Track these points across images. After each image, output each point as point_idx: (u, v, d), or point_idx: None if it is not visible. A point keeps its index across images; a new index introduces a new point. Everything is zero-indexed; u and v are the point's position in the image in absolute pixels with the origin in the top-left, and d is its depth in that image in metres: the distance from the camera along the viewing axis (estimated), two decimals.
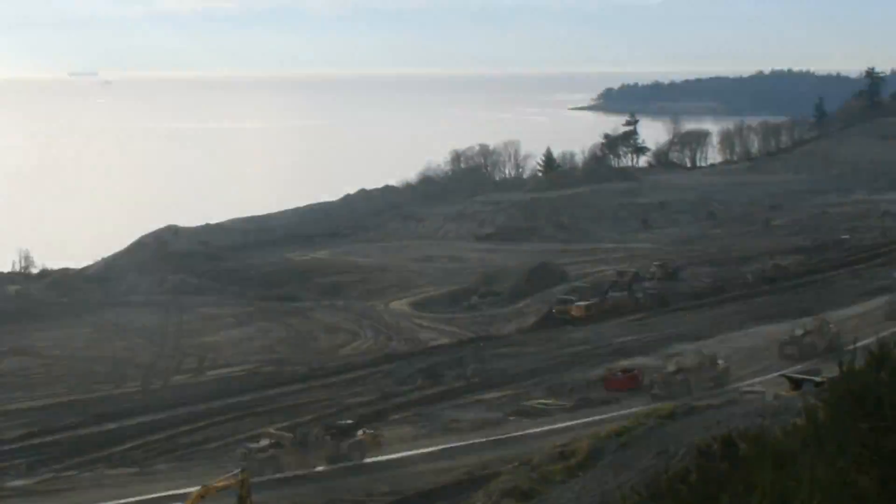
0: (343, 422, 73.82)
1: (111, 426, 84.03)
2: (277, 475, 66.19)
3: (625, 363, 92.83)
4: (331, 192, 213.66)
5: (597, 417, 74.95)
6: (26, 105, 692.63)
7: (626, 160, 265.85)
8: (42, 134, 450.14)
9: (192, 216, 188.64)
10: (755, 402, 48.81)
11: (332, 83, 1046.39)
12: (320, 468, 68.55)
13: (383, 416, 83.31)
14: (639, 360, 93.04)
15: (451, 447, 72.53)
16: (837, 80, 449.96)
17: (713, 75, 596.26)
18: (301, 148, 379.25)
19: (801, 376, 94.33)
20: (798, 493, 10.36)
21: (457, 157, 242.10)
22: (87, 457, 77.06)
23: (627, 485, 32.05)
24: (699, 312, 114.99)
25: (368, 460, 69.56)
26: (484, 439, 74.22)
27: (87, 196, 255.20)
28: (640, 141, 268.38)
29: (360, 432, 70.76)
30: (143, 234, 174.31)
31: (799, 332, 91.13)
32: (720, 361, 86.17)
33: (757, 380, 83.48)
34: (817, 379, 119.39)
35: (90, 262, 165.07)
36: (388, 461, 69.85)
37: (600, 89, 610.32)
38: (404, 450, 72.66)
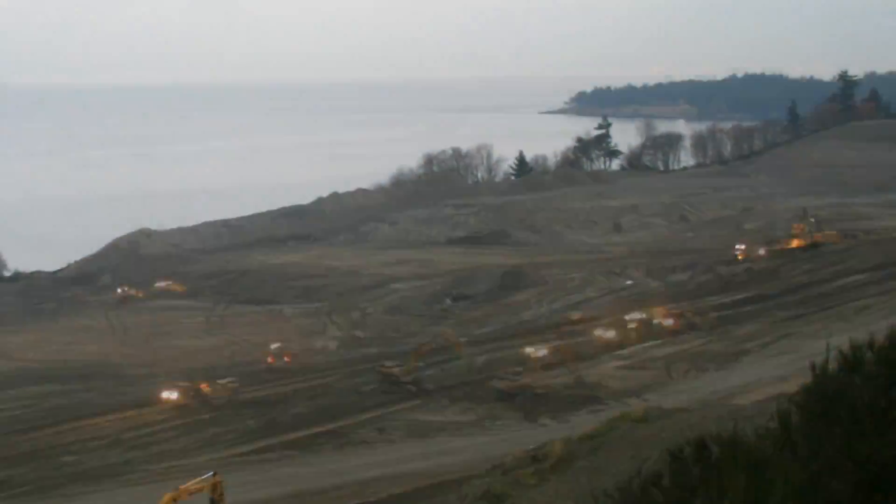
0: None
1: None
2: None
3: None
4: (303, 196, 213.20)
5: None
6: None
7: (599, 163, 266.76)
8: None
9: (164, 219, 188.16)
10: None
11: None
12: None
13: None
14: None
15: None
16: (811, 84, 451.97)
17: (686, 78, 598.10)
18: (273, 150, 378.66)
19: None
20: (771, 497, 10.34)
21: (429, 160, 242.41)
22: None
23: (600, 488, 31.92)
24: None
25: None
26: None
27: (61, 200, 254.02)
28: (612, 144, 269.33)
29: None
30: (116, 237, 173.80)
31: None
32: None
33: None
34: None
35: (63, 265, 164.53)
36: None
37: (573, 92, 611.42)
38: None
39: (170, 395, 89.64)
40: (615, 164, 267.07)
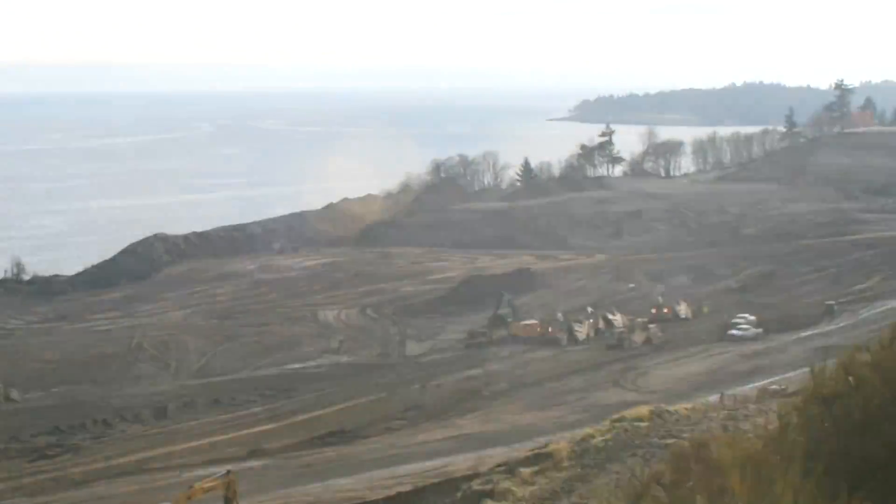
0: None
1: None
2: None
3: None
4: (313, 202, 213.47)
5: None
6: None
7: (602, 170, 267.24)
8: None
9: (177, 225, 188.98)
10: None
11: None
12: None
13: None
14: None
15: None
16: (808, 92, 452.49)
17: (687, 87, 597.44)
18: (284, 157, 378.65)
19: None
20: (770, 496, 10.82)
21: (436, 166, 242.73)
22: None
23: (604, 487, 33.23)
24: None
25: None
26: None
27: (77, 205, 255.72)
28: (615, 151, 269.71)
29: None
30: (131, 242, 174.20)
31: None
32: None
33: None
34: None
35: (80, 270, 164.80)
36: None
37: (577, 100, 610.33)
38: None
39: None
40: (618, 170, 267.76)
